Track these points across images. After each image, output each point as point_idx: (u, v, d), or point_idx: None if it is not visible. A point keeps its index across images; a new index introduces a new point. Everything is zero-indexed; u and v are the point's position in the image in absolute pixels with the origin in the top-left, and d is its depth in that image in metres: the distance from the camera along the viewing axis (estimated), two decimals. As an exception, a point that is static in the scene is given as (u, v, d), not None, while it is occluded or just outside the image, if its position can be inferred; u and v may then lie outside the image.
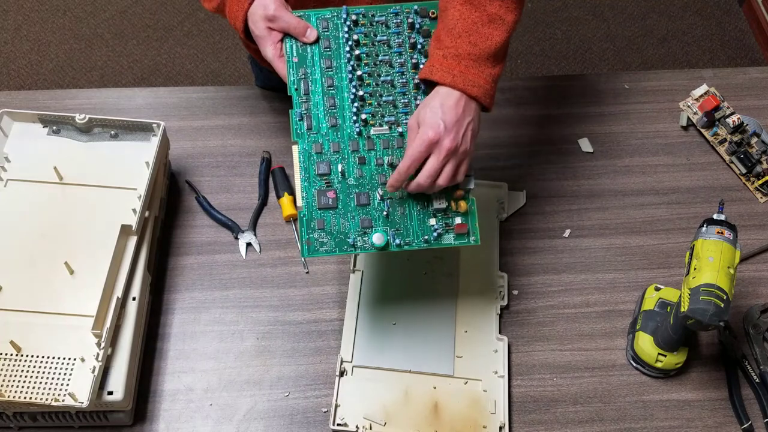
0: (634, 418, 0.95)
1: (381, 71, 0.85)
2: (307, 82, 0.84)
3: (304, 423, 0.93)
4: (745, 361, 0.98)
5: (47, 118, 1.01)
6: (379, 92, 0.84)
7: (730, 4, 2.56)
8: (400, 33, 0.86)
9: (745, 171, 1.14)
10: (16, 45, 2.34)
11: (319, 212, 0.81)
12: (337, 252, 0.81)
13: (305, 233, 0.80)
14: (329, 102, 0.84)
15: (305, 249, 0.80)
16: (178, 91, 1.21)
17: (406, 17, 0.86)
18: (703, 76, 1.25)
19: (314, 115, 0.83)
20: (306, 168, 0.82)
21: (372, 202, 0.82)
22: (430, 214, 0.83)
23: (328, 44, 0.85)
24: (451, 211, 0.83)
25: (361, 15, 0.86)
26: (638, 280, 1.05)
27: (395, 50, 0.85)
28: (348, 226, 0.81)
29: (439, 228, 0.82)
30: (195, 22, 2.42)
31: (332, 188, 0.82)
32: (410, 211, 0.83)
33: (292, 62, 0.85)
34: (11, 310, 0.88)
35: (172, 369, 0.96)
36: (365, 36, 0.86)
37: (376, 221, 0.82)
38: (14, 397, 0.82)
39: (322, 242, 0.80)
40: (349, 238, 0.81)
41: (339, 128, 0.83)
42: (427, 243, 0.82)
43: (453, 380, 0.94)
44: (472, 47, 0.80)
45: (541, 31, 2.45)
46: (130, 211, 0.95)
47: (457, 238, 0.83)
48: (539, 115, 1.21)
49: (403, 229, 0.82)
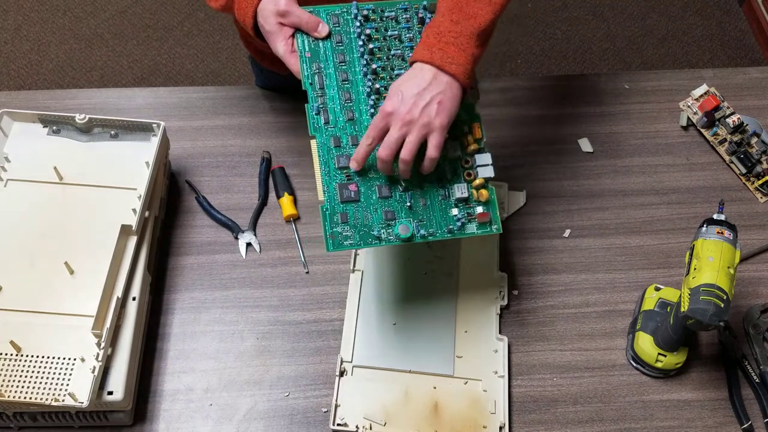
0: (634, 418, 0.95)
1: (394, 65, 0.85)
2: (322, 76, 0.84)
3: (304, 423, 0.93)
4: (745, 361, 0.98)
5: (47, 118, 1.01)
6: None
7: (730, 4, 2.56)
8: (410, 28, 0.86)
9: (745, 171, 1.14)
10: (16, 45, 2.34)
11: (341, 206, 0.81)
12: (362, 245, 0.80)
13: (329, 227, 0.80)
14: (345, 96, 0.84)
15: (329, 243, 0.79)
16: (178, 91, 1.21)
17: (415, 12, 0.87)
18: (703, 76, 1.25)
19: (330, 109, 0.83)
20: (326, 162, 0.82)
21: (394, 193, 0.82)
22: (452, 204, 0.83)
23: (340, 39, 0.85)
24: (473, 200, 0.84)
25: (371, 11, 0.86)
26: (638, 280, 1.05)
27: (407, 44, 0.86)
28: (371, 218, 0.81)
29: (462, 218, 0.83)
30: (195, 22, 2.42)
31: (353, 181, 0.81)
32: (432, 202, 0.83)
33: (305, 57, 0.85)
34: (11, 310, 0.88)
35: (172, 369, 0.96)
36: (376, 31, 0.86)
37: (399, 213, 0.82)
38: (14, 397, 0.82)
39: (346, 236, 0.80)
40: (374, 231, 0.80)
41: (356, 122, 0.83)
42: (451, 233, 0.83)
43: (453, 380, 0.94)
44: (454, 25, 0.79)
45: (541, 31, 2.45)
46: (130, 211, 0.95)
47: (480, 227, 0.84)
48: (539, 115, 1.21)
49: (426, 219, 0.82)
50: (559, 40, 2.44)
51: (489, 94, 1.22)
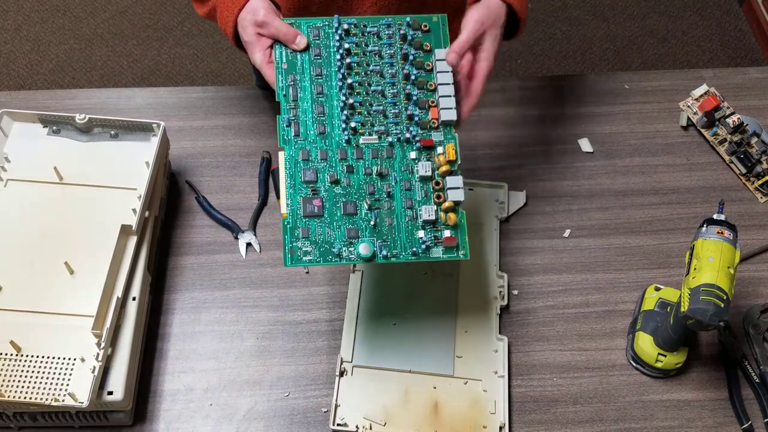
0: (634, 418, 0.95)
1: (372, 81, 0.84)
2: (296, 88, 0.83)
3: (304, 423, 0.93)
4: (745, 361, 0.98)
5: (47, 118, 1.01)
6: (369, 101, 0.83)
7: (730, 4, 2.56)
8: (392, 44, 0.85)
9: (745, 171, 1.14)
10: (16, 45, 2.34)
11: (303, 220, 0.79)
12: (321, 262, 0.78)
13: (288, 241, 0.78)
14: (318, 109, 0.83)
15: (288, 258, 0.77)
16: (178, 91, 1.21)
17: (398, 29, 0.86)
18: (703, 76, 1.25)
19: (302, 122, 0.82)
20: (292, 174, 0.80)
21: (359, 211, 0.80)
22: (419, 226, 0.81)
23: (318, 52, 0.84)
24: (441, 223, 0.81)
25: (353, 25, 0.85)
26: (638, 280, 1.05)
27: (387, 61, 0.85)
28: (333, 235, 0.79)
29: (428, 240, 0.80)
30: (195, 22, 2.42)
31: (318, 196, 0.80)
32: (398, 222, 0.80)
33: (281, 68, 0.84)
34: (11, 310, 0.88)
35: (172, 369, 0.96)
36: (356, 45, 0.85)
37: (363, 231, 0.79)
38: (14, 397, 0.82)
39: (306, 251, 0.78)
40: (334, 248, 0.78)
41: (327, 136, 0.82)
42: (415, 255, 0.80)
43: (453, 380, 0.94)
44: None
45: (541, 31, 2.45)
46: (130, 211, 0.95)
47: (446, 251, 0.80)
48: (539, 115, 1.21)
49: (391, 240, 0.80)
50: (559, 40, 2.44)
51: (489, 94, 1.22)
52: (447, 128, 0.84)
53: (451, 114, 0.83)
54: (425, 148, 0.82)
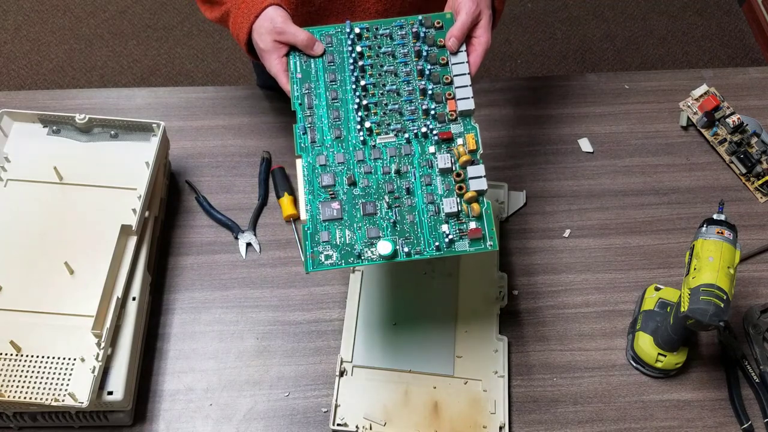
0: (634, 418, 0.95)
1: (386, 81, 0.84)
2: (311, 96, 0.84)
3: (304, 423, 0.93)
4: (745, 361, 0.98)
5: (47, 118, 1.01)
6: (384, 101, 0.83)
7: (730, 4, 2.56)
8: (405, 44, 0.86)
9: (745, 171, 1.14)
10: (16, 45, 2.34)
11: (323, 224, 0.78)
12: (343, 265, 0.77)
13: (309, 247, 0.77)
14: (333, 114, 0.83)
15: (309, 263, 0.77)
16: (178, 91, 1.21)
17: (411, 29, 0.86)
18: (703, 76, 1.25)
19: (318, 128, 0.82)
20: (310, 181, 0.80)
21: (379, 211, 0.79)
22: (442, 221, 0.79)
23: (332, 59, 0.85)
24: (464, 215, 0.79)
25: (365, 29, 0.86)
26: (638, 280, 1.05)
27: (400, 60, 0.85)
28: (354, 237, 0.78)
29: (452, 234, 0.78)
30: (195, 22, 2.42)
31: (337, 199, 0.79)
32: (420, 219, 0.79)
33: (295, 78, 0.84)
34: (11, 310, 0.88)
35: (172, 369, 0.96)
36: (369, 48, 0.85)
37: (384, 231, 0.79)
38: (14, 397, 0.82)
39: (327, 255, 0.77)
40: (355, 250, 0.77)
41: (344, 139, 0.82)
42: (439, 250, 0.78)
43: (453, 380, 0.94)
44: None
45: (541, 31, 2.45)
46: (130, 211, 0.95)
47: (473, 243, 0.78)
48: (539, 115, 1.21)
49: (414, 237, 0.78)
50: (559, 40, 2.44)
51: (489, 94, 1.22)
52: (466, 119, 0.83)
53: (469, 103, 0.82)
54: (444, 141, 0.82)
